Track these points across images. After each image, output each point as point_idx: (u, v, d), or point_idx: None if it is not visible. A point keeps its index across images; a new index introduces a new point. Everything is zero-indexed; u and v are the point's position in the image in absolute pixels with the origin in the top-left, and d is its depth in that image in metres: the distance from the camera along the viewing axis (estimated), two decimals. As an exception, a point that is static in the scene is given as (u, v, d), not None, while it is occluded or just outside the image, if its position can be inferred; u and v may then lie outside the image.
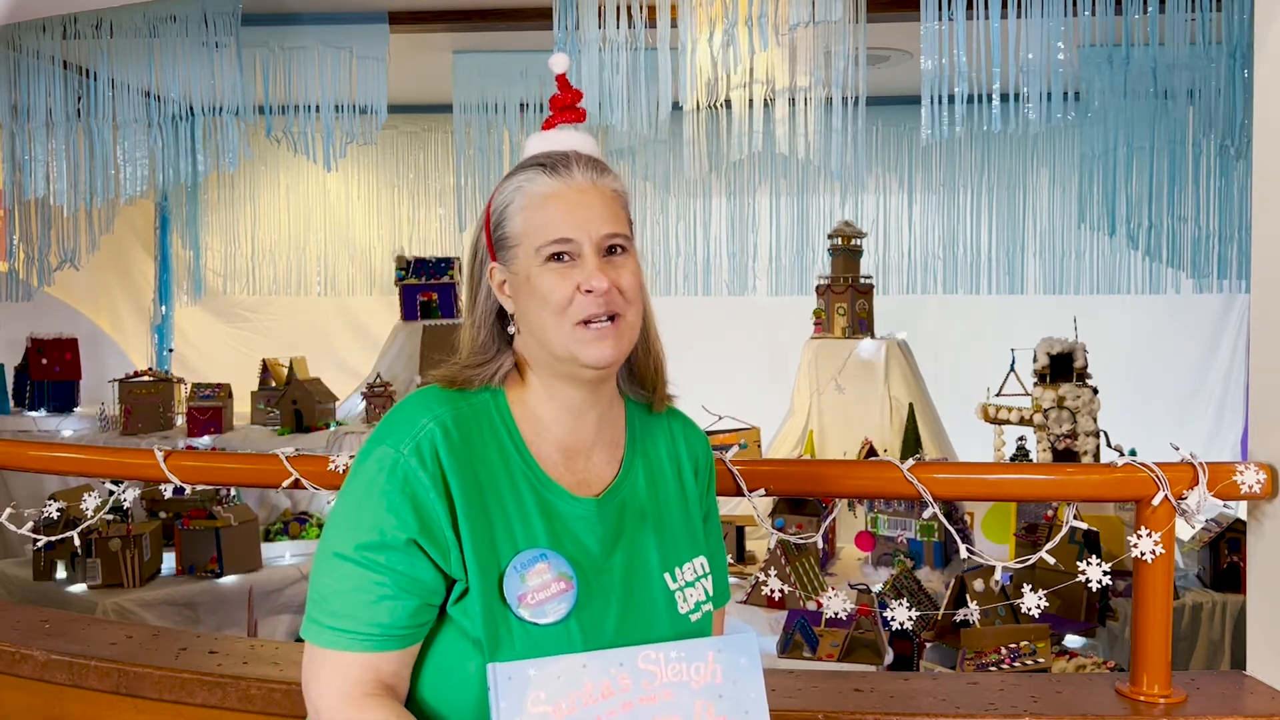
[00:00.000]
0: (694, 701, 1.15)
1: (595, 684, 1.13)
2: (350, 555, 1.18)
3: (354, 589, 1.18)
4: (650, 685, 1.15)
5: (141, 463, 2.11)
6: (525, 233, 1.25)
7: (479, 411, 1.26)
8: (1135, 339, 6.35)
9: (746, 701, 1.17)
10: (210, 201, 7.28)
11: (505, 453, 1.25)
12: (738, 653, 1.18)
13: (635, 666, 1.15)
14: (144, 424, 5.55)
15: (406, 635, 1.19)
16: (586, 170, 1.27)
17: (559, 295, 1.22)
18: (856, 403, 5.07)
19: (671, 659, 1.16)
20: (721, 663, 1.17)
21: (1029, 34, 3.84)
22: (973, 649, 2.81)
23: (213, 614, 3.89)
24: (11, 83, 4.76)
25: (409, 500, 1.18)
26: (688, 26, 4.10)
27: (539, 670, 1.11)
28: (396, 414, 1.25)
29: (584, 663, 1.13)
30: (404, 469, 1.18)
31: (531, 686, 1.11)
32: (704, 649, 1.17)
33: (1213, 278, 4.76)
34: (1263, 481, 1.81)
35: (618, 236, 1.26)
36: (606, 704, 1.13)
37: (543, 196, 1.25)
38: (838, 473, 2.04)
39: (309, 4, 4.78)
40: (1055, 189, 6.11)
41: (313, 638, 1.19)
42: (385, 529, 1.17)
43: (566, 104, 1.34)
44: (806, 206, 6.43)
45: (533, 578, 1.18)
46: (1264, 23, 1.95)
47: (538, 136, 1.34)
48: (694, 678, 1.16)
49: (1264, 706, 1.81)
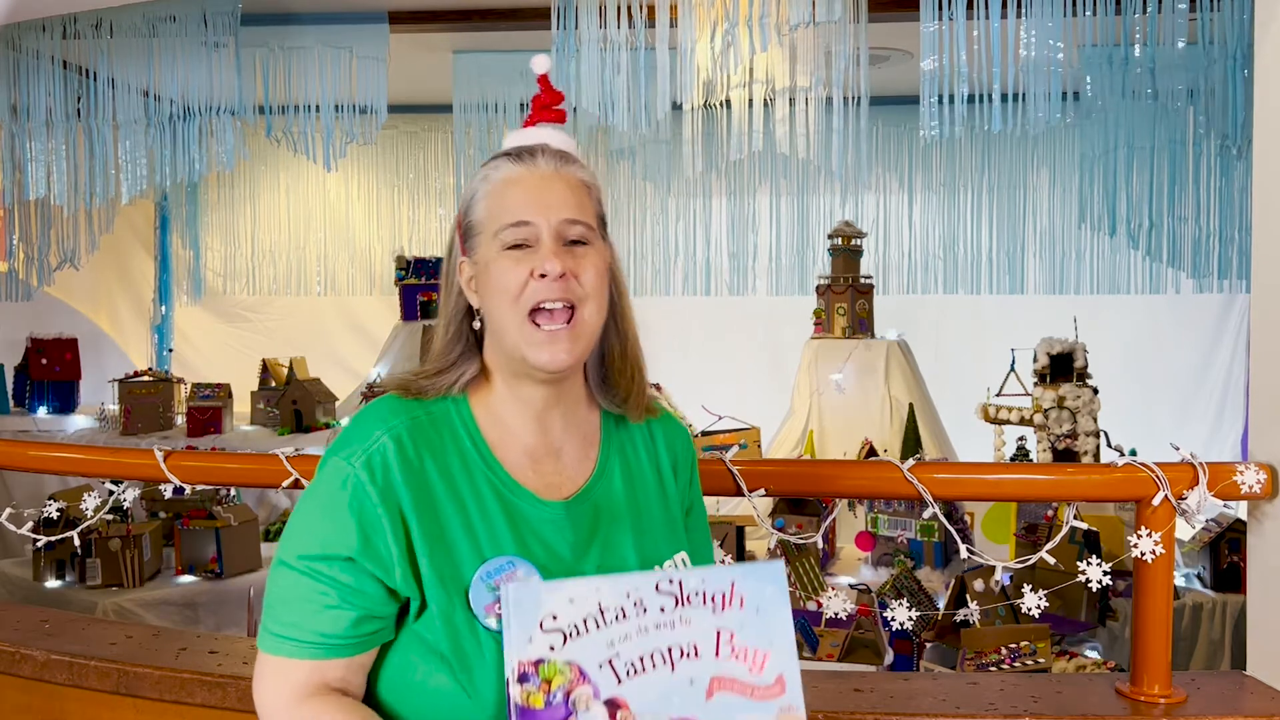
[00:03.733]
0: (714, 628, 1.11)
1: (610, 608, 1.10)
2: (294, 565, 1.18)
3: (298, 598, 1.17)
4: (667, 611, 1.11)
5: (141, 463, 2.10)
6: (486, 219, 1.24)
7: (438, 419, 1.23)
8: (1135, 339, 6.35)
9: (770, 632, 1.13)
10: (210, 201, 7.29)
11: (468, 459, 1.22)
12: (763, 581, 1.13)
13: (652, 591, 1.11)
14: (144, 424, 5.55)
15: (351, 645, 1.17)
16: (552, 159, 1.25)
17: (513, 281, 1.19)
18: (856, 403, 5.07)
19: (691, 585, 1.12)
20: (745, 590, 1.13)
21: (1029, 34, 3.84)
22: (973, 649, 2.81)
23: (213, 614, 3.89)
24: (11, 83, 4.76)
25: (355, 515, 1.16)
26: (687, 26, 4.10)
27: (551, 593, 1.09)
28: (352, 424, 1.23)
29: (598, 586, 1.10)
30: (353, 483, 1.16)
31: (543, 609, 1.08)
32: (726, 576, 1.13)
33: (1213, 278, 4.76)
34: (1263, 481, 1.81)
35: (579, 224, 1.22)
36: (620, 628, 1.09)
37: (504, 182, 1.24)
38: (838, 473, 2.03)
39: (309, 4, 4.77)
40: (1055, 189, 6.11)
41: (260, 643, 1.19)
42: (328, 542, 1.16)
43: (546, 104, 1.34)
44: (806, 206, 6.44)
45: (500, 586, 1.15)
46: (1264, 23, 1.95)
47: (515, 133, 1.33)
48: (714, 605, 1.12)
49: (1264, 706, 1.81)
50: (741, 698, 1.11)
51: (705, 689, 1.10)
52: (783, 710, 1.12)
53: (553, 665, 1.07)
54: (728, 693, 1.11)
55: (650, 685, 1.09)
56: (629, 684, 1.09)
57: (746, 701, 1.11)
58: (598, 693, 1.08)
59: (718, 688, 1.11)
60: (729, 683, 1.11)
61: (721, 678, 1.11)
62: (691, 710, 1.10)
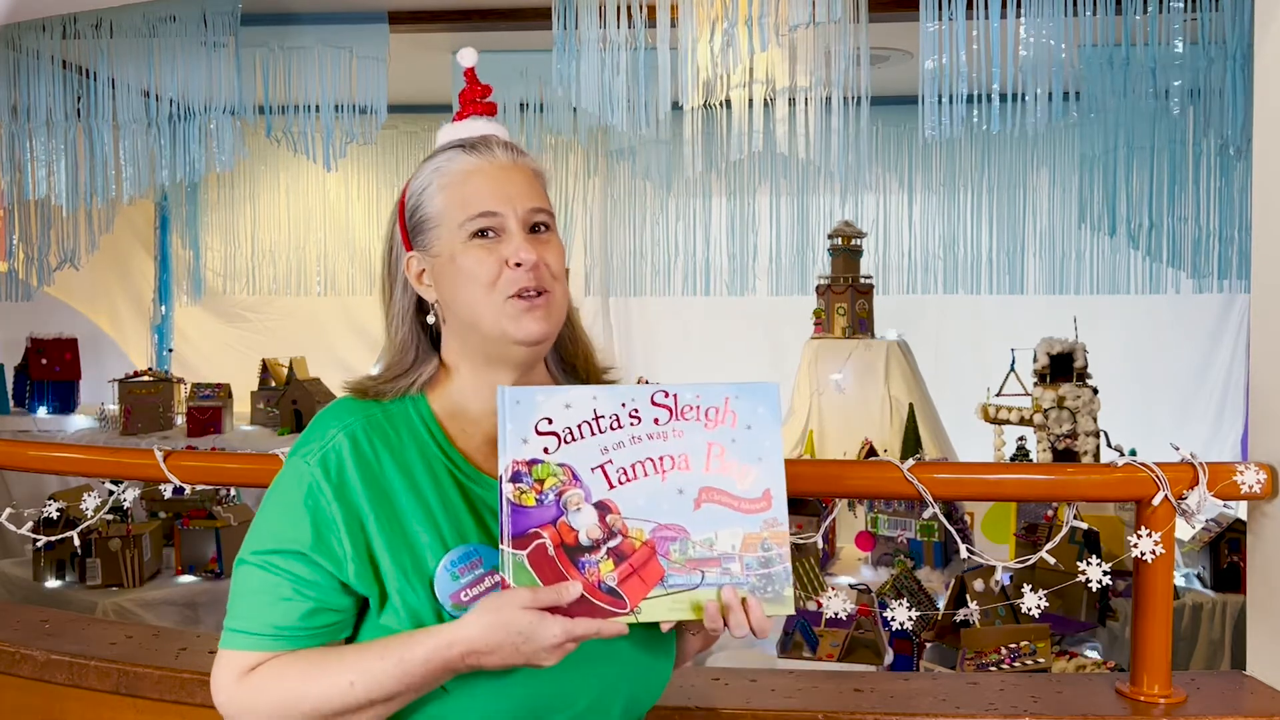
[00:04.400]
0: (705, 442, 1.14)
1: (605, 415, 1.13)
2: (249, 560, 1.20)
3: (252, 591, 1.19)
4: (660, 423, 1.14)
5: (141, 463, 2.10)
6: (446, 211, 1.24)
7: (395, 415, 1.24)
8: (1135, 339, 6.35)
9: (760, 449, 1.16)
10: (210, 201, 7.28)
11: (427, 452, 1.22)
12: (756, 400, 1.16)
13: (647, 403, 1.14)
14: (144, 424, 5.55)
15: (304, 637, 1.17)
16: (506, 150, 1.27)
17: (486, 270, 1.21)
18: (856, 403, 5.07)
19: (685, 399, 1.15)
20: (737, 408, 1.16)
21: (1029, 34, 3.84)
22: (973, 649, 2.81)
23: (213, 614, 3.89)
24: (11, 83, 4.75)
25: (309, 511, 1.17)
26: (688, 26, 4.10)
27: (547, 397, 1.12)
28: (311, 426, 1.25)
29: (594, 394, 1.13)
30: (308, 481, 1.18)
31: (539, 412, 1.11)
32: (720, 392, 1.16)
33: (1213, 278, 4.76)
34: (1263, 481, 1.81)
35: (542, 212, 1.25)
36: (614, 435, 1.13)
37: (464, 173, 1.24)
38: (838, 473, 2.03)
39: (309, 4, 4.77)
40: (1055, 189, 6.10)
41: (220, 641, 1.20)
42: (281, 536, 1.18)
43: (475, 97, 1.37)
44: (806, 206, 6.43)
45: (465, 574, 1.16)
46: (1264, 23, 1.95)
47: (450, 127, 1.34)
48: (707, 420, 1.15)
49: (1264, 706, 1.81)
50: (728, 510, 1.15)
51: (694, 499, 1.14)
52: (767, 523, 1.15)
53: (546, 467, 1.11)
54: (715, 504, 1.14)
55: (640, 492, 1.13)
56: (620, 490, 1.12)
57: (733, 514, 1.15)
58: (589, 496, 1.12)
59: (706, 499, 1.14)
60: (717, 494, 1.15)
61: (710, 489, 1.14)
62: (679, 519, 1.13)
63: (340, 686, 1.13)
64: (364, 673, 1.12)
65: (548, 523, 1.10)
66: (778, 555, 1.15)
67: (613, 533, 1.12)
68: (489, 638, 1.08)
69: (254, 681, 1.16)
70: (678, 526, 1.13)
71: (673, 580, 1.12)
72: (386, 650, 1.13)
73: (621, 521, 1.12)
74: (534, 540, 1.10)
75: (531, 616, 1.07)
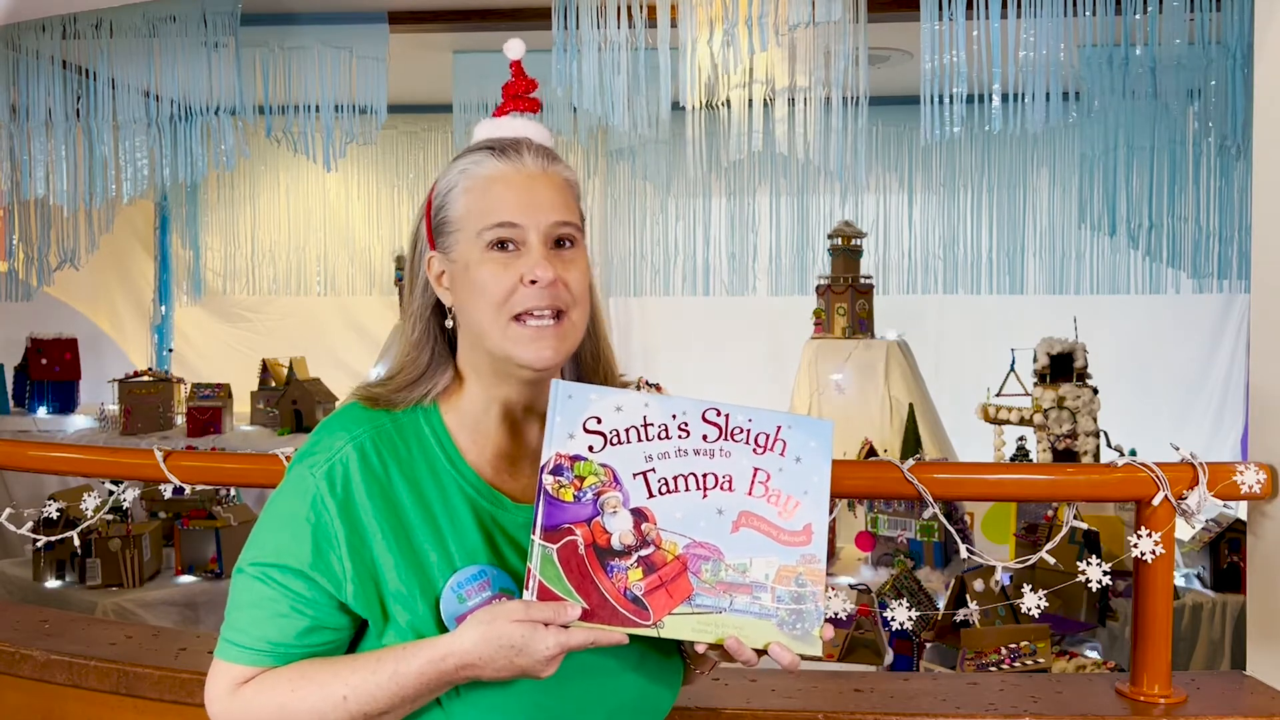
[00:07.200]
0: (751, 467, 1.12)
1: (654, 424, 1.11)
2: (248, 570, 1.18)
3: (249, 603, 1.17)
4: (709, 440, 1.12)
5: (141, 463, 2.10)
6: (466, 216, 1.19)
7: (405, 426, 1.20)
8: (1135, 339, 6.35)
9: (807, 483, 1.13)
10: (210, 201, 7.28)
11: (437, 467, 1.19)
12: (809, 434, 1.14)
13: (698, 418, 1.12)
14: (144, 424, 5.54)
15: (298, 653, 1.16)
16: (537, 157, 1.21)
17: (499, 286, 1.16)
18: (856, 403, 5.07)
19: (737, 420, 1.13)
20: (788, 438, 1.13)
21: (1029, 34, 3.84)
22: (973, 649, 2.81)
23: (213, 614, 3.89)
24: (11, 83, 4.75)
25: (310, 527, 1.15)
26: (688, 26, 4.10)
27: (600, 396, 1.11)
28: (318, 432, 1.21)
29: (646, 401, 1.12)
30: (312, 494, 1.15)
31: (590, 410, 1.10)
32: (773, 420, 1.14)
33: (1213, 278, 4.76)
34: (1263, 481, 1.81)
35: (567, 225, 1.19)
36: (660, 445, 1.11)
37: (487, 179, 1.19)
38: (838, 473, 2.02)
39: (309, 4, 4.77)
40: (1055, 189, 6.10)
41: (216, 650, 1.19)
42: (282, 551, 1.16)
43: (519, 92, 1.29)
44: (806, 206, 6.43)
45: (472, 597, 1.13)
46: (1264, 23, 1.95)
47: (488, 122, 1.29)
48: (756, 445, 1.13)
49: (1264, 706, 1.81)
50: (766, 538, 1.12)
51: (733, 521, 1.12)
52: (805, 558, 1.12)
53: (588, 465, 1.10)
54: (753, 530, 1.12)
55: (679, 505, 1.11)
56: (659, 500, 1.11)
57: (771, 543, 1.12)
58: (626, 501, 1.10)
59: (745, 523, 1.12)
60: (757, 520, 1.12)
61: (750, 514, 1.12)
62: (715, 539, 1.11)
63: (333, 701, 1.11)
64: (357, 687, 1.11)
65: (582, 520, 1.09)
66: (811, 593, 1.12)
67: (646, 541, 1.09)
68: (482, 650, 1.06)
69: (247, 695, 1.15)
70: (713, 546, 1.11)
71: (700, 600, 1.10)
72: (380, 664, 1.11)
73: (656, 532, 1.10)
74: (566, 535, 1.08)
75: (524, 629, 1.05)
